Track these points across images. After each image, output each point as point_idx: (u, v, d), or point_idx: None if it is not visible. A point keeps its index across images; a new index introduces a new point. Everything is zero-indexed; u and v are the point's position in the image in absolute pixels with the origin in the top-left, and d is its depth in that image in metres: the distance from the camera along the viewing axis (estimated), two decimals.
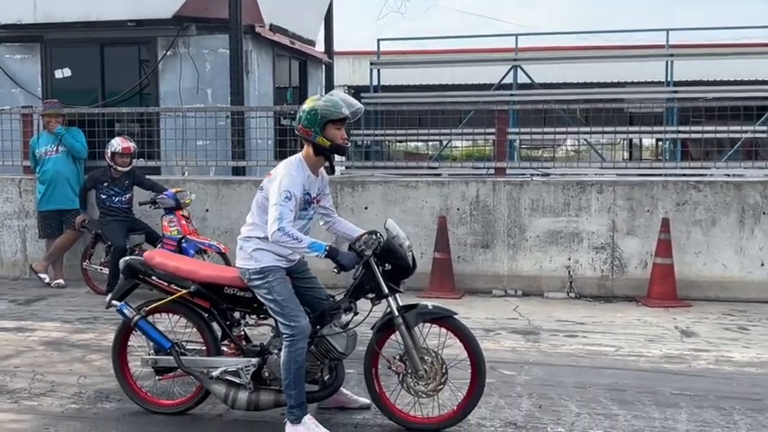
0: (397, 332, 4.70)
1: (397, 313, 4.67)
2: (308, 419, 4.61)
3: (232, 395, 4.84)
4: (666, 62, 14.77)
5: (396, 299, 4.74)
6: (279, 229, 4.46)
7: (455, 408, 4.76)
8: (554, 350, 6.67)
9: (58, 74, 12.01)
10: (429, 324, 4.79)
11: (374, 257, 4.66)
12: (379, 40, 15.89)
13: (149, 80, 11.82)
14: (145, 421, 4.97)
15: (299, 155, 4.82)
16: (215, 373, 4.86)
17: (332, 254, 4.54)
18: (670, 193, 8.87)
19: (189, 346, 5.07)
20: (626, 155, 20.14)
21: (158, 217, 8.91)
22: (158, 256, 5.02)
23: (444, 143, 14.10)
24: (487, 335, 7.17)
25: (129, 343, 5.18)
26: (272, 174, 4.74)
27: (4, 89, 12.03)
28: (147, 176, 9.44)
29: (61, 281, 9.60)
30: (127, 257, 5.13)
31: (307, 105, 4.74)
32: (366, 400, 5.04)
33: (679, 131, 12.11)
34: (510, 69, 14.83)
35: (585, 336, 7.16)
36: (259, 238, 4.70)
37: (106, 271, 8.88)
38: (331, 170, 4.96)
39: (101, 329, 7.36)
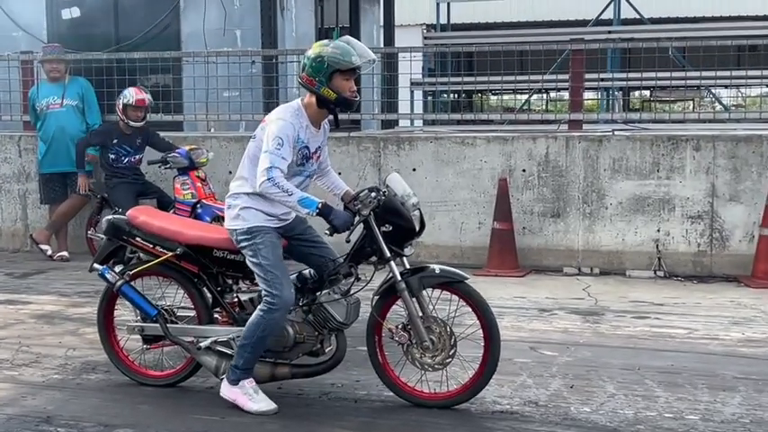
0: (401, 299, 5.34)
1: (399, 278, 5.29)
2: (248, 383, 5.33)
3: (223, 367, 5.54)
4: None
5: (403, 263, 5.38)
6: (268, 179, 5.08)
7: (465, 383, 5.38)
8: (613, 332, 7.21)
9: (65, 14, 12.92)
10: (440, 291, 5.43)
11: (374, 217, 5.29)
12: None
13: (169, 21, 12.63)
14: (131, 392, 5.75)
15: (299, 100, 5.46)
16: (204, 343, 5.58)
17: (324, 212, 5.11)
18: None
19: (180, 313, 5.82)
20: None
21: (171, 179, 9.70)
22: (142, 215, 5.76)
23: (529, 95, 14.58)
24: (541, 315, 7.76)
25: (116, 309, 5.97)
26: (266, 120, 5.39)
27: (5, 32, 12.99)
28: (164, 135, 10.28)
29: (65, 253, 10.52)
30: (110, 216, 5.91)
31: (312, 51, 5.34)
32: None
33: None
34: (610, 2, 15.14)
35: (658, 318, 7.65)
36: (248, 194, 5.34)
37: None
38: (336, 124, 5.61)
39: None
